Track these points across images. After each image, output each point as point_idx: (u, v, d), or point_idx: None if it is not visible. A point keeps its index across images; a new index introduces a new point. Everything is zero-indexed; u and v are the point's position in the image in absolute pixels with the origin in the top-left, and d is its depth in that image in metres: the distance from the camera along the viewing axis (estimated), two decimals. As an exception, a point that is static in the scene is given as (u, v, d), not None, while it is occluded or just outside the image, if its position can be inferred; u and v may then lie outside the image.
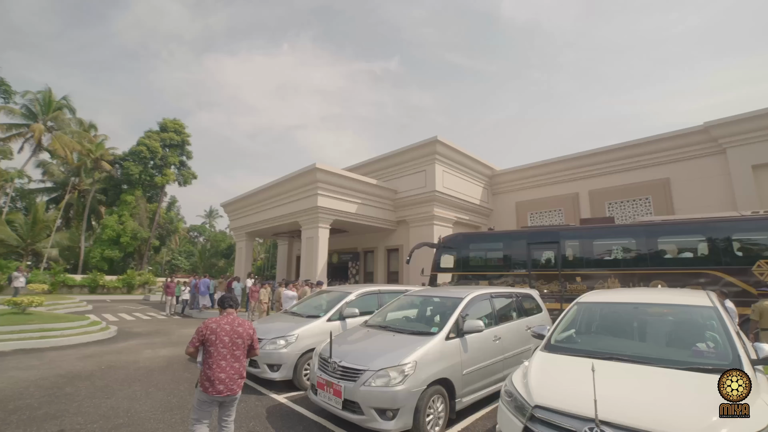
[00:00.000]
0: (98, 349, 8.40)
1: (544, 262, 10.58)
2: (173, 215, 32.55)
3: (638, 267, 9.31)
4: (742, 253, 8.54)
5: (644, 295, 4.22)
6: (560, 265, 10.12)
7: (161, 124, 30.38)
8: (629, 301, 3.94)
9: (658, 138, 15.77)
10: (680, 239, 9.40)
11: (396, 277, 19.79)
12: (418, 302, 5.55)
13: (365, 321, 5.34)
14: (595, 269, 9.81)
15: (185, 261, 44.88)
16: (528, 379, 2.93)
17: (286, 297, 9.25)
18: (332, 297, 6.63)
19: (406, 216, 18.92)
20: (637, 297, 4.09)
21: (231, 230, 24.59)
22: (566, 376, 2.90)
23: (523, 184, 20.12)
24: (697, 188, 14.69)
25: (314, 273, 15.93)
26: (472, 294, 4.99)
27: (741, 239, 8.69)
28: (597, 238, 10.20)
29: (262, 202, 19.26)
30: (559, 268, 10.13)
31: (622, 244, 9.97)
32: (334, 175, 16.19)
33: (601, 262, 9.91)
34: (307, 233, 16.78)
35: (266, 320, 6.46)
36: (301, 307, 6.84)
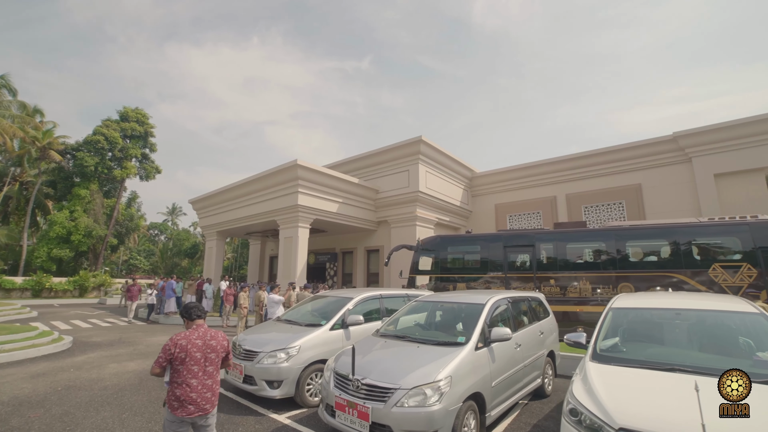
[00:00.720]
0: (51, 365, 7.19)
1: (520, 264, 10.81)
2: (133, 212, 30.14)
3: (608, 270, 9.69)
4: (700, 257, 9.03)
5: (681, 300, 4.05)
6: (535, 268, 10.39)
7: (122, 113, 28.04)
8: (669, 307, 3.76)
9: (631, 146, 16.46)
10: (646, 243, 9.86)
11: (376, 279, 19.40)
12: (432, 308, 5.20)
13: (376, 330, 4.91)
14: (568, 272, 10.10)
15: (145, 261, 41.99)
16: (597, 395, 2.63)
17: (271, 301, 8.56)
18: (330, 303, 6.12)
19: (387, 216, 18.58)
20: (675, 302, 3.91)
21: (200, 229, 23.16)
22: (645, 393, 2.62)
23: (503, 186, 20.38)
24: (666, 194, 15.44)
25: (293, 274, 15.21)
26: (492, 299, 4.70)
27: (699, 244, 9.18)
28: (570, 241, 10.53)
29: (236, 200, 18.20)
30: (534, 271, 10.38)
31: (593, 248, 10.30)
32: (315, 173, 15.55)
33: (573, 265, 10.21)
34: (285, 233, 16.01)
35: (259, 330, 5.82)
36: (294, 314, 6.27)
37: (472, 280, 11.14)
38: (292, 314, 6.29)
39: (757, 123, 13.81)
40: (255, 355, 4.93)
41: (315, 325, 5.45)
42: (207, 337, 2.95)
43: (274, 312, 8.43)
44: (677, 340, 3.45)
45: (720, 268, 8.74)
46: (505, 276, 10.70)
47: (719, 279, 8.68)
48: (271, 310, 8.51)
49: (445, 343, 4.05)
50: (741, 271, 8.58)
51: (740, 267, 8.59)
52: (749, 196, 13.83)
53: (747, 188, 13.96)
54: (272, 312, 8.47)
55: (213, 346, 2.95)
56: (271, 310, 8.46)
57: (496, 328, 4.20)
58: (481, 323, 4.18)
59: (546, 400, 5.44)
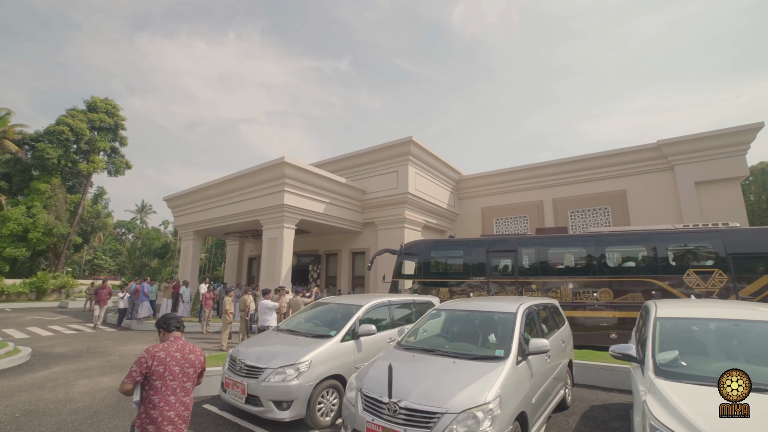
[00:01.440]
0: (4, 384, 6.12)
1: (502, 269, 10.85)
2: (100, 208, 28.09)
3: (588, 275, 9.81)
4: (676, 263, 9.24)
5: (734, 310, 3.79)
6: (517, 273, 10.44)
7: (89, 103, 26.07)
8: (727, 317, 3.52)
9: (616, 152, 16.82)
10: (624, 249, 10.03)
11: (362, 282, 18.91)
12: (455, 317, 4.77)
13: (396, 342, 4.46)
14: (549, 277, 10.17)
15: (110, 261, 39.48)
16: (690, 420, 2.34)
17: (264, 308, 7.89)
18: (336, 311, 5.62)
19: (374, 218, 18.14)
20: (729, 312, 3.66)
21: (172, 227, 21.87)
22: (740, 418, 2.33)
23: (489, 189, 20.40)
24: (649, 200, 15.84)
25: (277, 277, 14.49)
26: (522, 306, 4.39)
27: (674, 250, 9.39)
28: (552, 247, 10.62)
29: (216, 198, 17.23)
30: (516, 276, 10.43)
31: (574, 254, 10.39)
32: (303, 171, 14.91)
33: (555, 270, 10.29)
34: (269, 233, 15.25)
35: (260, 342, 5.21)
36: (296, 323, 5.72)
37: (455, 284, 11.13)
38: (293, 323, 5.73)
39: (733, 134, 14.38)
40: (260, 371, 4.36)
41: (323, 337, 4.94)
42: (186, 351, 2.78)
43: (267, 320, 7.79)
44: (746, 355, 3.18)
45: (694, 273, 8.97)
46: (487, 281, 10.74)
47: (693, 284, 8.90)
48: (262, 318, 7.85)
49: (483, 357, 3.69)
50: (713, 277, 8.81)
51: (712, 273, 8.83)
52: (727, 203, 14.38)
53: (725, 196, 14.50)
54: (264, 320, 7.81)
55: (192, 361, 2.77)
56: (263, 318, 7.80)
57: (534, 339, 3.92)
58: (518, 334, 3.87)
59: (568, 412, 5.18)
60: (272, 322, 7.85)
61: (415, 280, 11.78)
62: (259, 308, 7.94)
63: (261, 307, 7.91)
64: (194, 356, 2.82)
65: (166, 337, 2.84)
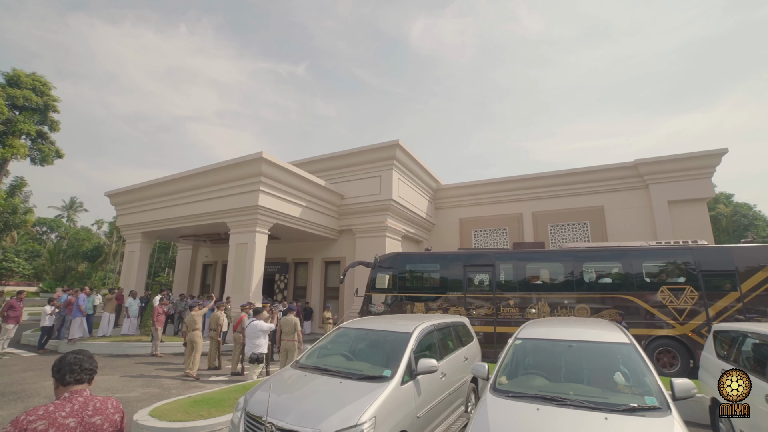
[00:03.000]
0: None
1: (480, 284, 10.65)
2: (18, 202, 23.59)
3: (566, 291, 9.82)
4: (650, 279, 9.40)
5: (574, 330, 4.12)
6: (495, 288, 10.27)
7: (10, 77, 21.88)
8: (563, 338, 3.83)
9: (594, 169, 17.21)
10: (601, 265, 10.07)
11: (335, 294, 17.48)
12: (356, 336, 4.61)
13: (295, 361, 4.23)
14: (527, 293, 10.09)
15: (25, 264, 33.76)
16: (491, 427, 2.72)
17: (256, 330, 6.31)
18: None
19: (352, 225, 16.90)
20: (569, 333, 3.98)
21: (118, 228, 18.88)
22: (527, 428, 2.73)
23: (468, 200, 20.03)
24: (626, 217, 16.28)
25: (246, 289, 12.70)
26: (419, 327, 4.46)
27: (649, 267, 9.56)
28: (530, 262, 10.54)
29: (173, 196, 14.96)
30: (494, 291, 10.26)
31: (553, 269, 10.31)
32: (281, 170, 13.35)
33: (533, 286, 10.22)
34: (238, 238, 13.42)
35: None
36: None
37: (430, 299, 10.73)
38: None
39: (700, 158, 15.24)
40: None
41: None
42: (87, 412, 1.83)
43: (258, 345, 6.27)
44: (566, 373, 3.48)
45: (667, 290, 9.17)
46: (464, 296, 10.43)
47: (666, 301, 9.09)
48: (253, 343, 6.30)
49: (370, 377, 3.70)
50: (685, 294, 9.04)
51: (684, 289, 9.06)
52: (695, 222, 15.11)
53: (693, 215, 15.25)
54: (255, 345, 6.28)
55: (96, 426, 1.83)
56: (254, 343, 6.24)
57: (423, 359, 3.97)
58: (408, 354, 3.95)
59: None
60: (264, 348, 6.36)
61: (389, 294, 11.19)
62: (249, 331, 6.39)
63: (251, 329, 6.36)
64: (101, 418, 1.86)
65: (60, 392, 1.87)
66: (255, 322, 6.46)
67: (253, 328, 6.37)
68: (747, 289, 8.76)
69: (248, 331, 6.41)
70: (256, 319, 6.54)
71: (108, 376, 7.59)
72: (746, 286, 8.78)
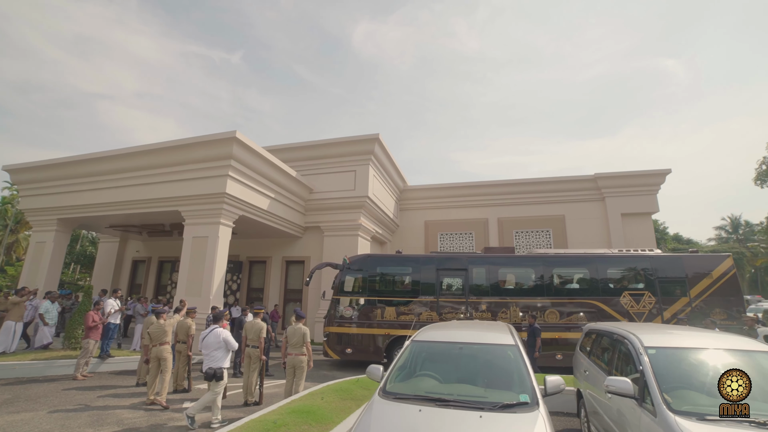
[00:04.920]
0: None
1: (453, 288, 10.56)
2: None
3: (539, 296, 10.06)
4: (614, 285, 10.03)
5: (467, 332, 4.25)
6: (468, 293, 10.26)
7: None
8: (455, 341, 3.93)
9: (557, 180, 18.09)
10: (571, 271, 10.52)
11: (298, 297, 16.00)
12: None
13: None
14: (500, 297, 10.21)
15: None
16: None
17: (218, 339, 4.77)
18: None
19: (320, 222, 15.61)
20: (462, 335, 4.07)
21: (23, 212, 15.16)
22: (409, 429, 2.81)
23: (434, 203, 19.83)
24: (585, 227, 17.31)
25: (206, 290, 10.83)
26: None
27: (613, 273, 10.19)
28: (503, 266, 10.67)
29: (106, 176, 12.29)
30: (467, 296, 10.24)
31: (525, 274, 10.52)
32: (254, 155, 11.68)
33: (506, 291, 10.35)
34: (195, 230, 11.40)
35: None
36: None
37: (402, 303, 10.37)
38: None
39: (648, 176, 16.83)
40: None
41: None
42: None
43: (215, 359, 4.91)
44: (456, 373, 3.53)
45: (629, 295, 9.81)
46: (437, 300, 10.25)
47: (628, 306, 9.70)
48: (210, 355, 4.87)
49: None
50: (644, 299, 9.73)
51: (643, 295, 9.75)
52: (643, 234, 16.61)
53: (641, 228, 16.75)
54: (210, 359, 4.93)
55: None
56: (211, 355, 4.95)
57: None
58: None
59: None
60: (226, 362, 5.11)
61: (359, 297, 10.59)
62: (210, 341, 5.01)
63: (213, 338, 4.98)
64: None
65: None
66: (217, 329, 5.10)
67: (215, 337, 5.01)
68: (695, 294, 9.62)
69: (208, 340, 5.02)
70: (218, 326, 5.17)
71: (29, 414, 5.52)
72: (694, 292, 9.65)
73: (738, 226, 38.27)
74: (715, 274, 9.61)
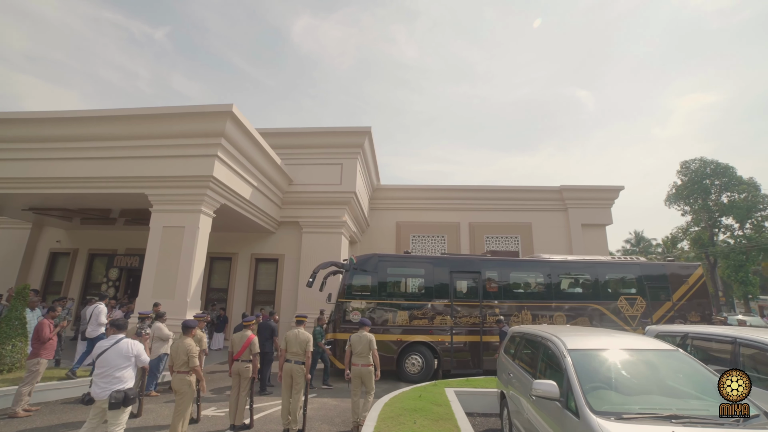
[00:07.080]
0: None
1: (466, 292, 10.53)
2: None
3: (547, 300, 10.47)
4: (612, 289, 10.89)
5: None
6: (481, 296, 10.28)
7: None
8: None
9: (525, 188, 19.04)
10: (575, 276, 11.18)
11: (270, 299, 14.49)
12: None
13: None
14: (512, 301, 10.39)
15: None
16: None
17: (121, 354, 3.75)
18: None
19: (299, 217, 14.35)
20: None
21: None
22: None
23: (406, 204, 19.55)
24: (549, 235, 18.41)
25: (182, 290, 9.07)
26: None
27: (612, 278, 11.03)
28: (514, 270, 11.00)
29: (41, 144, 9.71)
30: (481, 299, 10.26)
31: (534, 278, 10.96)
32: (246, 136, 10.20)
33: (518, 295, 10.59)
34: (167, 218, 9.55)
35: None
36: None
37: (415, 307, 9.97)
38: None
39: (604, 191, 18.52)
40: None
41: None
42: None
43: (116, 380, 3.82)
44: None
45: (624, 300, 10.71)
46: (451, 303, 10.08)
47: (623, 309, 10.60)
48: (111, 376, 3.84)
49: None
50: (636, 303, 10.73)
51: (636, 299, 10.74)
52: (598, 244, 18.20)
53: (597, 237, 18.35)
54: (119, 380, 3.83)
55: None
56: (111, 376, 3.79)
57: None
58: None
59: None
60: (131, 382, 4.02)
61: (368, 301, 9.95)
62: (107, 358, 3.87)
63: (115, 352, 3.83)
64: None
65: None
66: (125, 341, 3.98)
67: (125, 351, 3.91)
68: (676, 298, 10.75)
69: (109, 355, 3.90)
70: (124, 335, 4.08)
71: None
72: (676, 296, 10.78)
73: (640, 240, 44.69)
74: (690, 281, 10.77)
